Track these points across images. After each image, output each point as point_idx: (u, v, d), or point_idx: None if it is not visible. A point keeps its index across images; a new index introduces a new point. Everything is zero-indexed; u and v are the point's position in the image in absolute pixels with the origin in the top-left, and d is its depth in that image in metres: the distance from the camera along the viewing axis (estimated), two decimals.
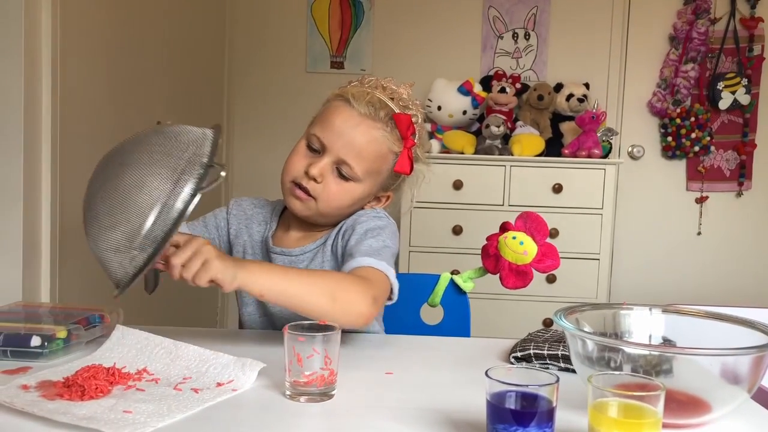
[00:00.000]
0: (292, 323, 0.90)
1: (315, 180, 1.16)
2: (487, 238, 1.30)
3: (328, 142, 1.16)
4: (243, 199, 1.37)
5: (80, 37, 1.93)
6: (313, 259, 1.24)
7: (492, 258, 1.28)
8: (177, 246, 0.96)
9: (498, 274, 1.30)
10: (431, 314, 1.42)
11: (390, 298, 1.14)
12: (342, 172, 1.17)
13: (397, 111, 1.19)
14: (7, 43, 1.67)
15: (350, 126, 1.16)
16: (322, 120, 1.19)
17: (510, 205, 2.79)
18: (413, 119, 1.20)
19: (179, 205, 0.89)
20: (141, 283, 0.96)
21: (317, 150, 1.18)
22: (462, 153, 2.89)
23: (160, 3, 2.48)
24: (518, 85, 3.07)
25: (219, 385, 0.90)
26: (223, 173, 0.93)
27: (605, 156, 2.89)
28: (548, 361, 1.02)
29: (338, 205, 1.19)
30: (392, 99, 1.20)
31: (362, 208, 1.26)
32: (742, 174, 3.15)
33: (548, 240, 1.26)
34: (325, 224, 1.25)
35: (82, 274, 2.00)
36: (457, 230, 2.81)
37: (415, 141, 1.20)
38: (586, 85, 3.05)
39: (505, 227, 1.26)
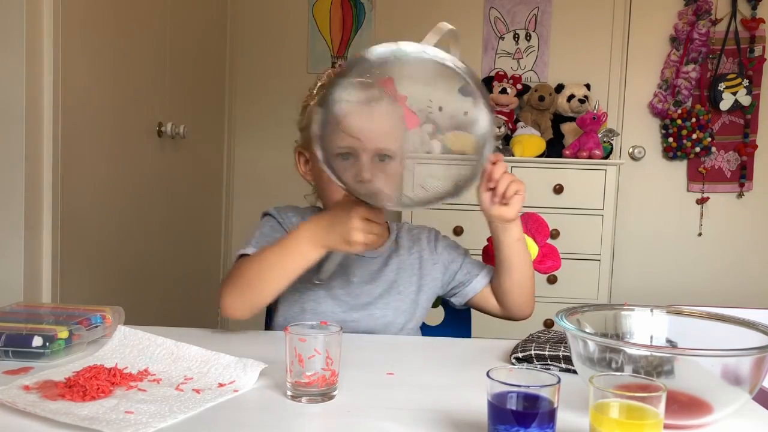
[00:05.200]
0: (294, 323, 0.90)
1: (368, 181, 1.16)
2: (488, 239, 1.30)
3: (356, 143, 1.16)
4: (286, 211, 1.33)
5: (82, 37, 1.93)
6: (388, 263, 1.30)
7: (493, 259, 1.28)
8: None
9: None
10: (432, 315, 1.42)
11: None
12: (382, 156, 1.18)
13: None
14: (8, 41, 1.67)
15: (365, 117, 1.15)
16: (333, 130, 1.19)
17: None
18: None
19: None
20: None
21: (347, 157, 1.17)
22: (463, 154, 2.88)
23: (161, 3, 2.49)
24: (519, 86, 3.07)
25: (221, 385, 0.90)
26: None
27: (606, 157, 2.89)
28: (549, 362, 1.02)
29: (394, 190, 1.22)
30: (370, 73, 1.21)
31: None
32: (743, 175, 3.15)
33: (549, 241, 1.26)
34: None
35: (84, 275, 2.00)
36: (458, 231, 2.81)
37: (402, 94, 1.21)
38: (587, 86, 3.05)
39: None
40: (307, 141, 1.26)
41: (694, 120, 3.09)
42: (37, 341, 0.99)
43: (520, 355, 1.04)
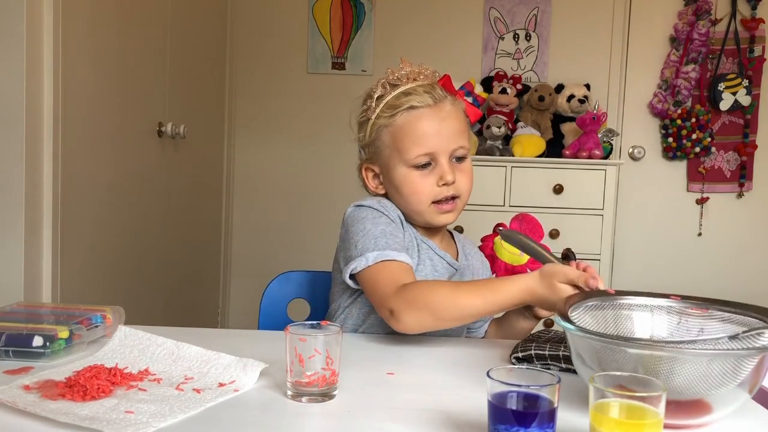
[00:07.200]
0: (294, 323, 0.90)
1: (452, 183, 1.21)
2: (482, 239, 1.30)
3: (434, 147, 1.19)
4: (384, 204, 1.24)
5: (82, 37, 1.93)
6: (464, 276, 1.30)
7: (488, 258, 1.29)
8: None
9: (494, 275, 1.31)
10: None
11: None
12: (458, 157, 1.22)
13: (437, 80, 1.26)
14: (8, 41, 1.67)
15: (436, 120, 1.20)
16: (407, 140, 1.20)
17: (511, 206, 2.79)
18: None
19: None
20: None
21: (426, 164, 1.20)
22: None
23: (161, 3, 2.49)
24: (519, 86, 3.07)
25: (221, 385, 0.90)
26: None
27: (606, 157, 2.90)
28: (549, 362, 1.02)
29: (470, 188, 1.26)
30: (424, 75, 1.24)
31: None
32: (742, 175, 3.15)
33: (543, 242, 1.27)
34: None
35: (84, 275, 2.00)
36: (458, 231, 2.81)
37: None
38: (587, 86, 3.05)
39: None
40: (374, 155, 1.25)
41: (693, 120, 3.09)
42: (38, 341, 0.99)
43: (520, 355, 1.04)
